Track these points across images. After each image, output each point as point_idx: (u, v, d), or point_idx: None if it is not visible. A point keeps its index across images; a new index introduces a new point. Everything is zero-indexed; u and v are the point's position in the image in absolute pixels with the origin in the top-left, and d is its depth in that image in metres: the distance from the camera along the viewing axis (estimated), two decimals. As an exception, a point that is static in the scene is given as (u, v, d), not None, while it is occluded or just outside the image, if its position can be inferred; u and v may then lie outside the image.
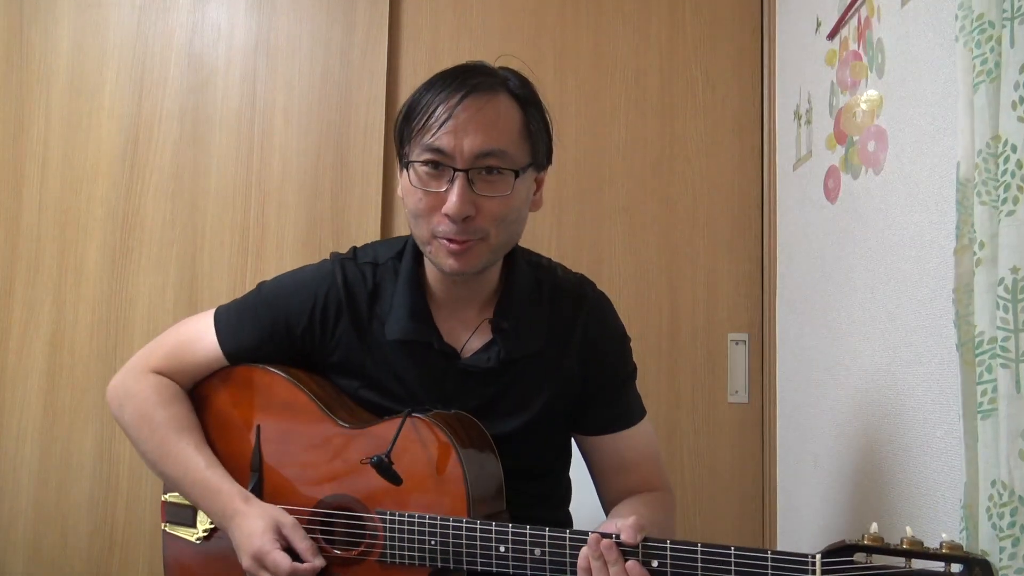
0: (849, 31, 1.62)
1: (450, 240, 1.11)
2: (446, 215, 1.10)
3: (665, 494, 1.28)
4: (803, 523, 1.82)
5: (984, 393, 0.95)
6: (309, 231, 2.10)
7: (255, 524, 1.14)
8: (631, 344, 1.33)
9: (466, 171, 1.09)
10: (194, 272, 2.07)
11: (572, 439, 1.34)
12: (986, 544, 0.94)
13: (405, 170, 1.14)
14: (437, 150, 1.10)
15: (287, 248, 2.09)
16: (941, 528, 1.23)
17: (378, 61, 2.13)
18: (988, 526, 0.93)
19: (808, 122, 1.84)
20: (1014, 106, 0.94)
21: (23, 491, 2.00)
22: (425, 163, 1.11)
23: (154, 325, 2.04)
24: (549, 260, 1.33)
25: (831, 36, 1.70)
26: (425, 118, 1.11)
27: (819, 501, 1.72)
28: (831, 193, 1.69)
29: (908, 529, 0.87)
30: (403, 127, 1.15)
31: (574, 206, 2.13)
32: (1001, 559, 0.91)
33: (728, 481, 2.08)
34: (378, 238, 2.08)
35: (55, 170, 2.07)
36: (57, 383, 2.03)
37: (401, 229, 2.12)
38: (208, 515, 1.22)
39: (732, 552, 0.89)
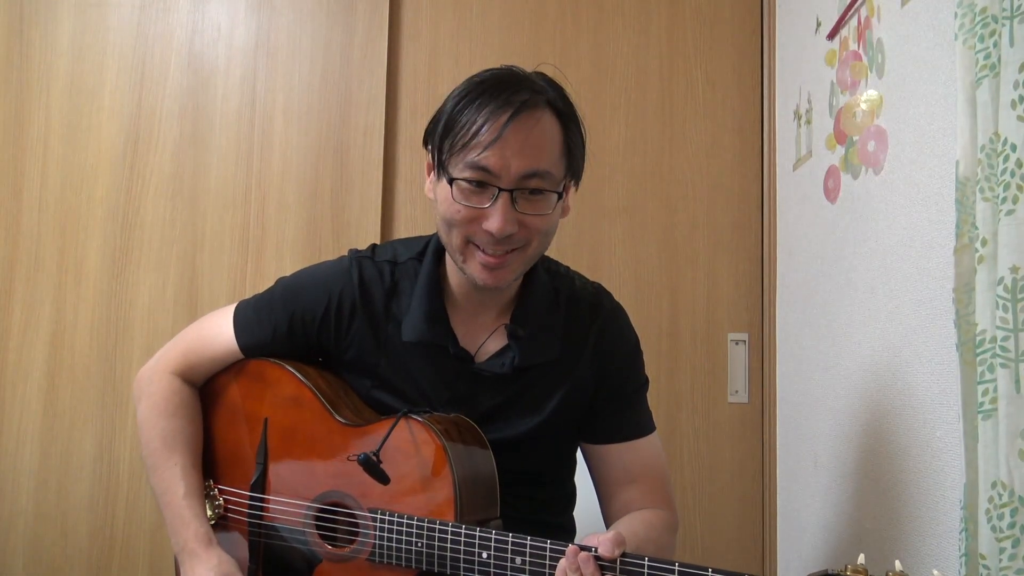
0: (849, 31, 1.62)
1: (486, 253, 1.12)
2: (488, 232, 1.10)
3: (667, 514, 1.25)
4: (803, 523, 1.82)
5: (985, 393, 0.95)
6: (309, 231, 2.10)
7: (204, 574, 1.17)
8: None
9: (511, 191, 1.09)
10: (194, 272, 2.07)
11: (578, 448, 1.34)
12: (985, 545, 0.94)
13: (445, 182, 1.12)
14: (483, 169, 1.09)
15: (287, 248, 2.09)
16: (941, 528, 1.23)
17: (378, 61, 2.13)
18: (987, 527, 0.93)
19: (808, 122, 1.84)
20: (1013, 105, 0.93)
21: (23, 491, 2.00)
22: (469, 180, 1.10)
23: (154, 325, 2.04)
24: (567, 268, 1.34)
25: (831, 36, 1.69)
26: (471, 135, 1.09)
27: (819, 501, 1.72)
28: (831, 193, 1.69)
29: (897, 563, 0.85)
30: (443, 139, 1.13)
31: (574, 206, 2.10)
32: (1001, 560, 0.91)
33: (728, 481, 2.08)
34: (378, 238, 2.08)
35: (55, 170, 2.07)
36: (57, 383, 2.03)
37: (400, 230, 2.12)
38: (171, 539, 1.23)
39: (710, 573, 0.89)
